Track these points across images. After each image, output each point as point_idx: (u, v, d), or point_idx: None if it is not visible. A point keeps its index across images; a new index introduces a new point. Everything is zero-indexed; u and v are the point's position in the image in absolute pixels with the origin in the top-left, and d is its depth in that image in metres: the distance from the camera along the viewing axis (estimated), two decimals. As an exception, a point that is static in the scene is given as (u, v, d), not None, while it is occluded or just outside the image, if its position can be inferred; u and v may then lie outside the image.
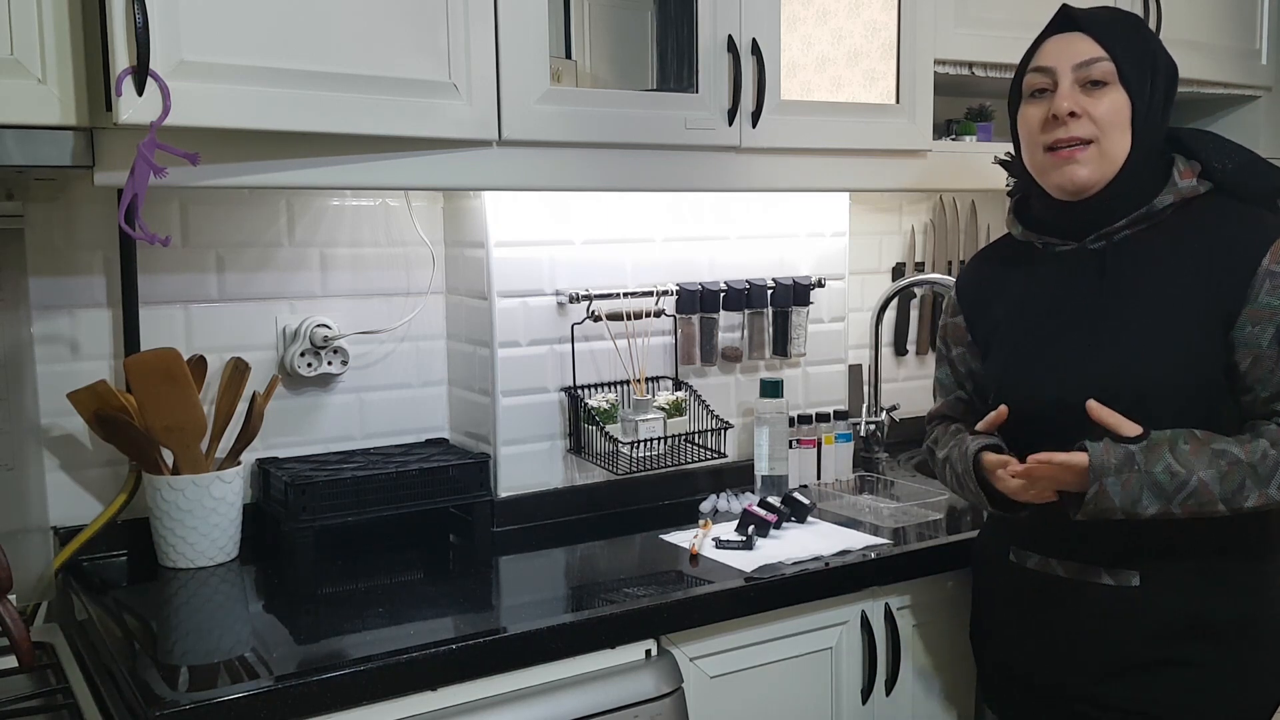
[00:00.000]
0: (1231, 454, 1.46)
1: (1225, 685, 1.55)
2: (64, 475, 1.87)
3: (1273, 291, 1.48)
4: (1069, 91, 1.56)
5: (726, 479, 2.28)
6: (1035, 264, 1.68)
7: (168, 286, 1.92)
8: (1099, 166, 1.56)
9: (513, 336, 2.07)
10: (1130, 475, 1.45)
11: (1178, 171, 1.58)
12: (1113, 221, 1.58)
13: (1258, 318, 1.49)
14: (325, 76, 1.56)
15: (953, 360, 1.81)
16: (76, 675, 1.58)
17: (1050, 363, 1.60)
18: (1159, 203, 1.56)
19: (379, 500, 1.88)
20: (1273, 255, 1.49)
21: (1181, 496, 1.45)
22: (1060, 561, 1.62)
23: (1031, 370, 1.62)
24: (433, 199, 2.14)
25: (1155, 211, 1.57)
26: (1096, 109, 1.55)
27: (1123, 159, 1.56)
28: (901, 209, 2.70)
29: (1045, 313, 1.64)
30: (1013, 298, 1.70)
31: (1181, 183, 1.57)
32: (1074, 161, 1.56)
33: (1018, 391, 1.62)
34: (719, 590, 1.70)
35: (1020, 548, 1.67)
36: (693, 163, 1.95)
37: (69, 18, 1.43)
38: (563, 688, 1.56)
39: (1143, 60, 1.57)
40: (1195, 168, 1.59)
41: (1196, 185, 1.57)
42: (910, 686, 1.92)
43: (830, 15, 2.08)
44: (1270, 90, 2.82)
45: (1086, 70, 1.56)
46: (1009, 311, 1.70)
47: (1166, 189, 1.57)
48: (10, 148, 1.41)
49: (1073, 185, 1.57)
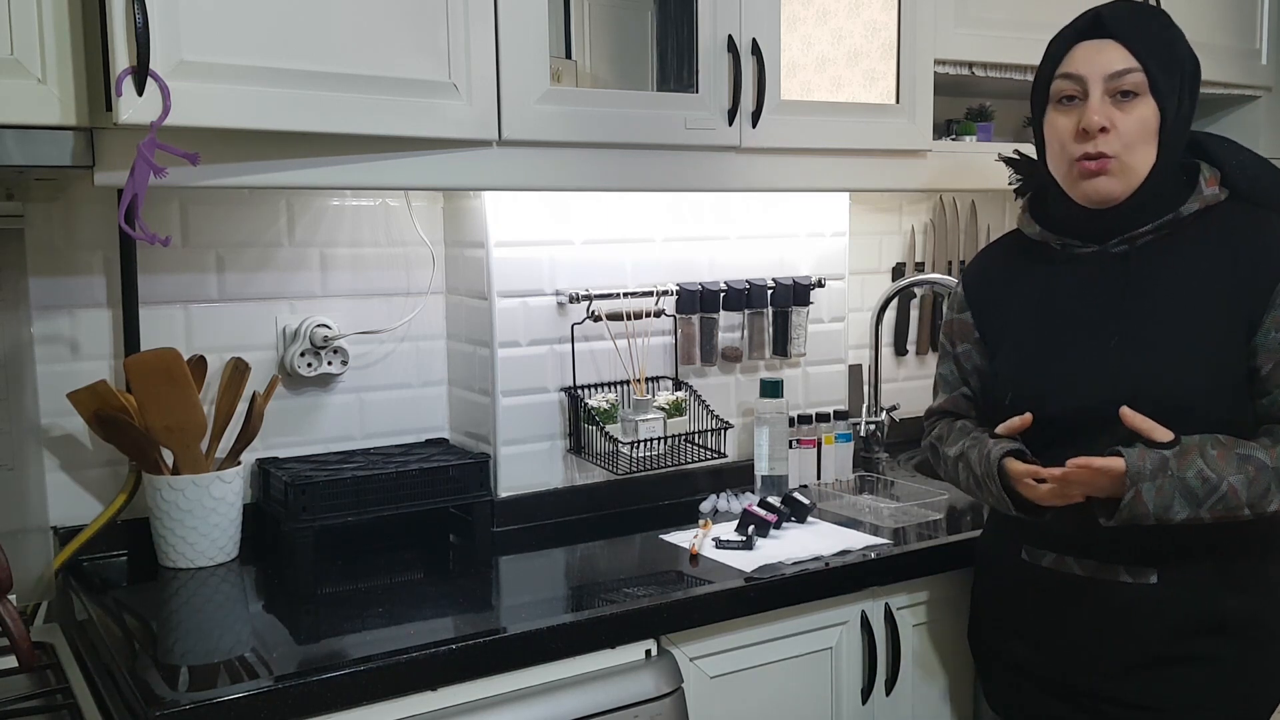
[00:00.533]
0: (1257, 459, 1.47)
1: (1238, 681, 1.55)
2: (64, 475, 1.87)
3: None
4: (1099, 104, 1.55)
5: (726, 479, 2.28)
6: (1052, 264, 1.67)
7: (168, 286, 1.92)
8: (1125, 178, 1.56)
9: (513, 336, 2.07)
10: (1164, 480, 1.45)
11: (1204, 179, 1.58)
12: (1137, 227, 1.58)
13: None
14: (325, 76, 1.56)
15: (957, 356, 1.80)
16: (76, 675, 1.58)
17: (1071, 366, 1.60)
18: (1185, 210, 1.57)
19: (379, 500, 1.88)
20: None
21: (1211, 501, 1.46)
22: (1077, 560, 1.61)
23: (1050, 373, 1.62)
24: (433, 199, 2.14)
25: (1182, 219, 1.57)
26: (1126, 122, 1.54)
27: (1148, 170, 1.56)
28: (901, 209, 2.70)
29: (1064, 314, 1.63)
30: (1026, 297, 1.69)
31: (1207, 190, 1.58)
32: (1103, 173, 1.55)
33: (1035, 393, 1.61)
34: (719, 590, 1.70)
35: (1034, 546, 1.66)
36: (693, 163, 1.95)
37: (69, 18, 1.43)
38: (563, 688, 1.56)
39: (1172, 66, 1.56)
40: (1217, 175, 1.59)
41: (1218, 192, 1.58)
42: (910, 686, 1.92)
43: (830, 15, 2.08)
44: (1270, 90, 2.82)
45: (1118, 81, 1.54)
46: (1022, 310, 1.69)
47: (1193, 197, 1.57)
48: (10, 148, 1.41)
49: (1099, 197, 1.57)
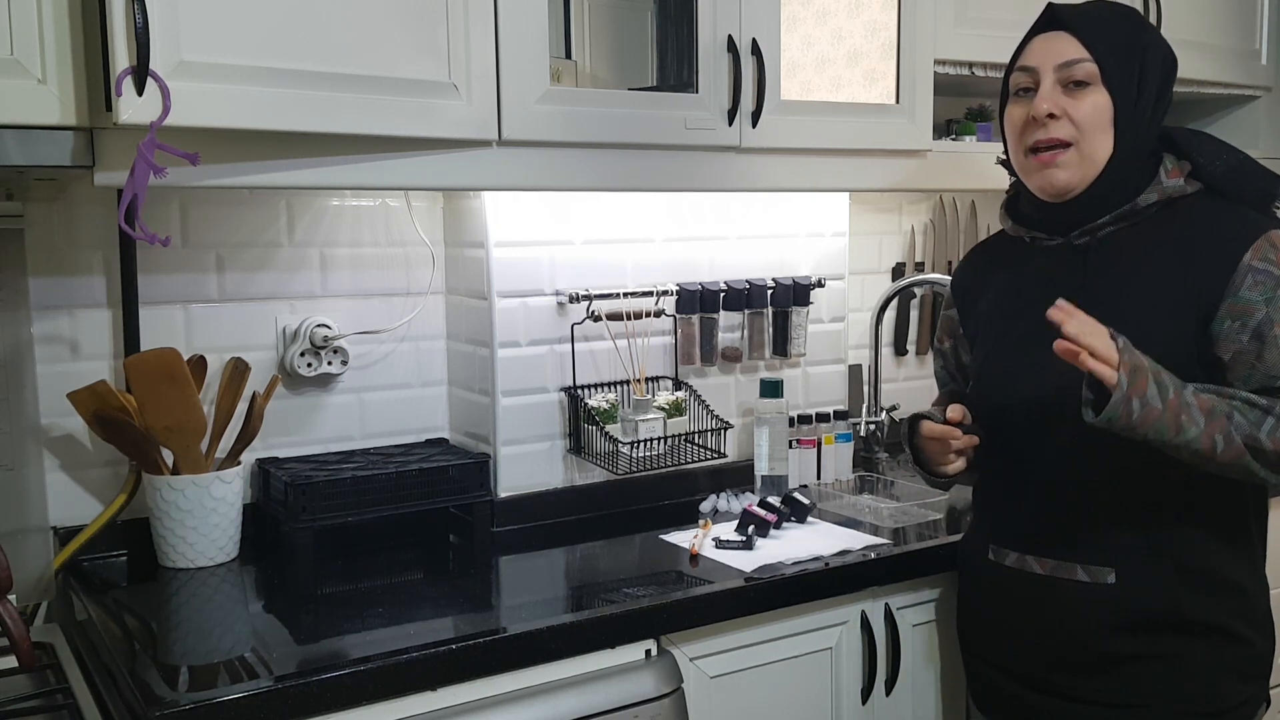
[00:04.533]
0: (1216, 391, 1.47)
1: (1198, 680, 1.55)
2: (64, 475, 1.87)
3: (1254, 287, 1.47)
4: (1049, 92, 1.55)
5: (726, 479, 2.28)
6: (1023, 258, 1.68)
7: (168, 286, 1.92)
8: (1079, 169, 1.55)
9: (513, 336, 2.07)
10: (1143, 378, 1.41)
11: (1165, 170, 1.57)
12: (1097, 218, 1.58)
13: (1237, 313, 1.48)
14: (325, 76, 1.56)
15: (944, 353, 1.84)
16: (76, 675, 1.58)
17: (1026, 357, 1.61)
18: (1142, 200, 1.56)
19: (379, 500, 1.88)
20: (1255, 251, 1.48)
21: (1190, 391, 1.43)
22: (1037, 559, 1.62)
23: (1005, 364, 1.65)
24: (433, 199, 2.14)
25: (1139, 209, 1.56)
26: (1078, 111, 1.54)
27: (1104, 160, 1.55)
28: (901, 209, 2.70)
29: (1027, 307, 1.63)
30: (1000, 291, 1.71)
31: (1168, 182, 1.56)
32: (1054, 165, 1.56)
33: (994, 385, 1.64)
34: (719, 590, 1.70)
35: (999, 545, 1.68)
36: (693, 163, 1.95)
37: (69, 18, 1.43)
38: (563, 688, 1.56)
39: (1130, 58, 1.55)
40: (1185, 167, 1.58)
41: (1184, 185, 1.57)
42: (910, 686, 1.92)
43: (830, 15, 2.08)
44: (1270, 90, 2.82)
45: (1069, 70, 1.55)
46: (994, 304, 1.71)
47: (1151, 187, 1.56)
48: (10, 148, 1.41)
49: (1052, 189, 1.57)
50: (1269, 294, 1.47)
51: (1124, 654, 1.56)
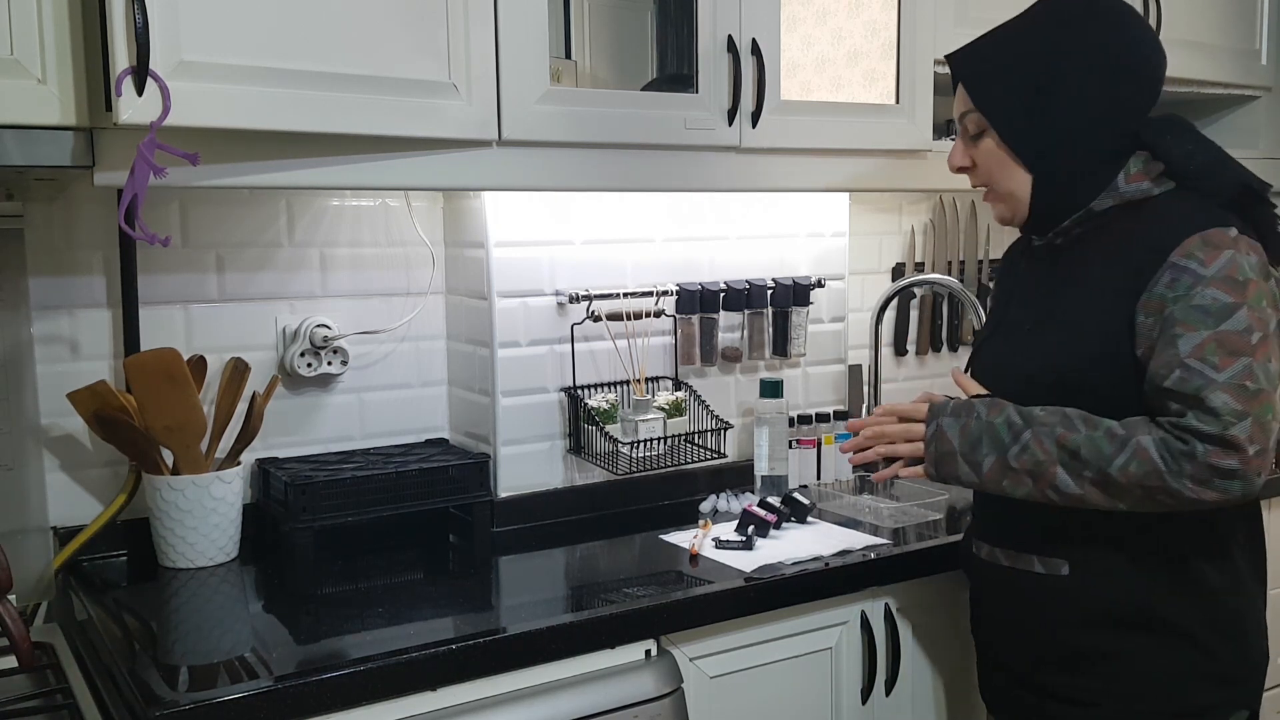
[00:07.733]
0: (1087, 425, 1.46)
1: (1162, 681, 1.54)
2: (64, 475, 1.87)
3: (1170, 285, 1.45)
4: (959, 146, 1.64)
5: (726, 479, 2.28)
6: (1021, 255, 1.74)
7: (168, 286, 1.92)
8: (1007, 205, 1.63)
9: (513, 336, 2.07)
10: (969, 421, 1.54)
11: (1125, 174, 1.55)
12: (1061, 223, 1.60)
13: (1150, 309, 1.47)
14: (325, 76, 1.56)
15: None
16: (76, 675, 1.58)
17: (996, 351, 1.67)
18: (1096, 206, 1.56)
19: (379, 500, 1.88)
20: (1182, 248, 1.46)
21: (1016, 450, 1.49)
22: (1003, 551, 1.64)
23: (982, 359, 1.70)
24: (433, 199, 2.14)
25: (1095, 214, 1.57)
26: (980, 157, 1.62)
27: (1026, 192, 1.59)
28: (901, 209, 2.70)
29: (1010, 301, 1.70)
30: (999, 285, 1.79)
31: (1125, 186, 1.55)
32: (990, 203, 1.65)
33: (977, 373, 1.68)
34: (719, 590, 1.70)
35: (977, 539, 1.71)
36: (692, 163, 1.95)
37: (69, 18, 1.43)
38: (563, 688, 1.56)
39: (1012, 85, 1.55)
40: (1155, 169, 1.56)
41: (1150, 187, 1.55)
42: (910, 686, 1.92)
43: (830, 15, 2.08)
44: (1270, 90, 2.81)
45: (963, 124, 1.62)
46: (994, 297, 1.79)
47: (1106, 193, 1.56)
48: (10, 148, 1.41)
49: (1000, 221, 1.66)
50: (1180, 291, 1.45)
51: (1084, 649, 1.56)
